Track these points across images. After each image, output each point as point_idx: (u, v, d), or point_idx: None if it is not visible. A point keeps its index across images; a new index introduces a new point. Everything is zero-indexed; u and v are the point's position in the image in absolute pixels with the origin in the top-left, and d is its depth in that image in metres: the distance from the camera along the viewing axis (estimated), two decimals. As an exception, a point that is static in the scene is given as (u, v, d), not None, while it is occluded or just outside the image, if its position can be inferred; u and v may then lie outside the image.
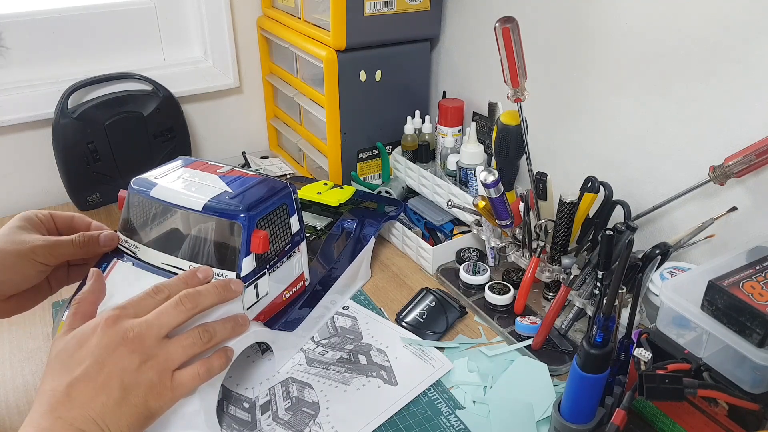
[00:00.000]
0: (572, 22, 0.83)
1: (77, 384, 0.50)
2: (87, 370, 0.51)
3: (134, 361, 0.52)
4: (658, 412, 0.59)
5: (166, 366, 0.53)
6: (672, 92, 0.73)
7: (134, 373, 0.52)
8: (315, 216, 0.89)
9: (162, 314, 0.55)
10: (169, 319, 0.55)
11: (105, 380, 0.51)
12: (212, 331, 0.57)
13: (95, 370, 0.51)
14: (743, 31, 0.65)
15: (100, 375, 0.51)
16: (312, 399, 0.66)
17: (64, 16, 1.02)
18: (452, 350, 0.73)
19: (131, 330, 0.53)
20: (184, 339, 0.55)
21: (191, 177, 0.67)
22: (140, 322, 0.54)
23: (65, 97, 0.98)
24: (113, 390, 0.51)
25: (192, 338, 0.56)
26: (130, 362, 0.52)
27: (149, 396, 0.52)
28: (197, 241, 0.65)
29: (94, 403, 0.50)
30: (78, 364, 0.51)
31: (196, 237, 0.66)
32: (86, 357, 0.51)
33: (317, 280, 0.76)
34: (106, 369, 0.51)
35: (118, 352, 0.52)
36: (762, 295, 0.52)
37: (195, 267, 0.62)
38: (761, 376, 0.50)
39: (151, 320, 0.54)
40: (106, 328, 0.53)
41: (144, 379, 0.52)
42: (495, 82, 0.97)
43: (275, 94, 1.22)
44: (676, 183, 0.73)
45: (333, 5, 0.91)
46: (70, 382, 0.50)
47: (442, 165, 1.01)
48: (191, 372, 0.55)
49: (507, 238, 0.80)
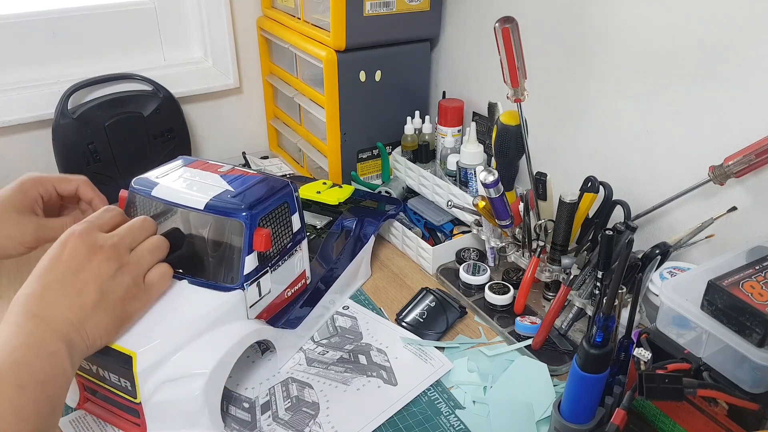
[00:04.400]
0: (572, 22, 0.83)
1: (53, 287, 0.53)
2: (63, 276, 0.54)
3: (111, 268, 0.56)
4: (658, 412, 0.59)
5: (139, 271, 0.58)
6: (672, 92, 0.73)
7: (111, 279, 0.55)
8: (314, 215, 0.89)
9: (132, 228, 0.60)
10: (139, 232, 0.60)
11: (82, 285, 0.54)
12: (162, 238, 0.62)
13: (71, 275, 0.54)
14: (743, 31, 0.65)
15: (77, 280, 0.54)
16: (312, 399, 0.66)
17: (64, 16, 1.02)
18: (452, 350, 0.73)
19: (107, 240, 0.57)
20: (148, 244, 0.60)
21: (192, 176, 0.68)
22: (113, 234, 0.58)
23: (65, 98, 0.98)
24: (90, 294, 0.54)
25: (154, 243, 0.61)
26: (107, 269, 0.55)
27: (126, 299, 0.56)
28: (199, 240, 0.66)
29: (72, 305, 0.53)
30: (52, 270, 0.54)
31: (198, 236, 0.66)
32: (61, 264, 0.54)
33: (318, 278, 0.76)
34: (82, 275, 0.54)
35: (96, 259, 0.55)
36: (762, 295, 0.52)
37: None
38: (761, 376, 0.50)
39: (123, 233, 0.59)
40: (81, 239, 0.56)
41: (120, 282, 0.56)
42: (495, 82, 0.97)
43: (275, 94, 1.22)
44: (676, 183, 0.73)
45: (333, 5, 0.91)
46: (46, 284, 0.53)
47: (442, 165, 1.01)
48: (158, 272, 0.60)
49: (507, 238, 0.80)
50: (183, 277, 0.64)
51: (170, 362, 0.58)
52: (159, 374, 0.58)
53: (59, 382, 0.50)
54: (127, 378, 0.58)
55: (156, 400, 0.58)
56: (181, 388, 0.58)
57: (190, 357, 0.59)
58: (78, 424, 0.63)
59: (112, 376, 0.59)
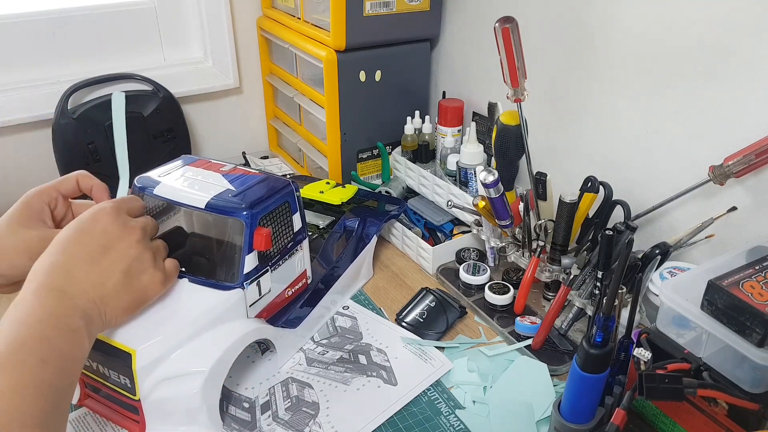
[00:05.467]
0: (572, 22, 0.83)
1: (80, 261, 0.53)
2: (93, 252, 0.54)
3: (138, 250, 0.57)
4: (658, 412, 0.59)
5: (159, 256, 0.60)
6: (672, 92, 0.73)
7: (137, 260, 0.57)
8: (317, 215, 0.89)
9: (150, 221, 0.61)
10: (155, 225, 0.62)
11: (110, 263, 0.55)
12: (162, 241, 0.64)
13: (100, 253, 0.54)
14: (743, 32, 0.65)
15: (106, 258, 0.54)
16: (312, 399, 0.66)
17: (64, 16, 1.02)
18: (452, 350, 0.73)
19: (138, 223, 0.58)
20: (159, 241, 0.62)
21: (194, 175, 0.68)
22: (141, 219, 0.60)
23: (65, 98, 0.98)
24: (116, 273, 0.55)
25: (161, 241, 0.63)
26: (136, 251, 0.57)
27: (148, 281, 0.58)
28: (200, 238, 0.66)
29: (97, 284, 0.53)
30: (80, 244, 0.54)
31: (199, 235, 0.66)
32: (91, 240, 0.55)
33: (319, 278, 0.76)
34: (112, 254, 0.55)
35: (127, 239, 0.56)
36: (762, 295, 0.52)
37: None
38: (761, 375, 0.50)
39: (148, 221, 0.61)
40: (113, 216, 0.57)
41: (145, 266, 0.57)
42: (495, 82, 0.97)
43: (275, 94, 1.22)
44: (676, 183, 0.73)
45: (333, 5, 0.91)
46: (73, 257, 0.53)
47: (442, 165, 1.01)
48: (172, 263, 0.62)
49: (507, 238, 0.80)
50: (183, 275, 0.64)
51: (170, 360, 0.58)
52: (158, 372, 0.58)
53: (78, 358, 0.50)
54: (126, 375, 0.58)
55: (155, 398, 0.58)
56: (180, 385, 0.58)
57: (190, 355, 0.59)
58: (78, 423, 0.63)
59: (112, 373, 0.59)
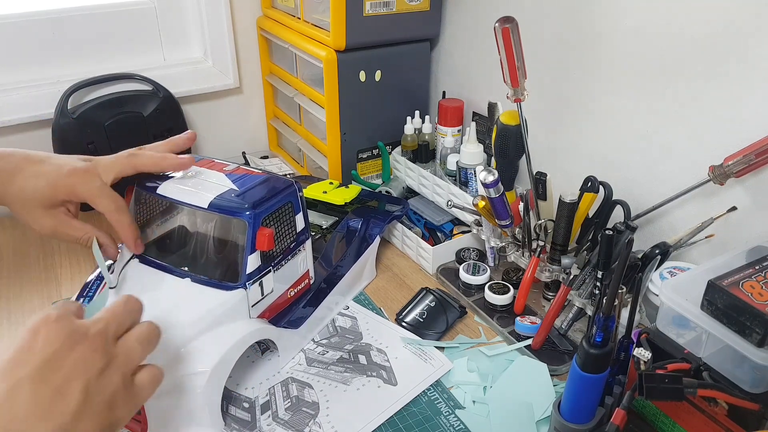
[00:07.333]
0: (572, 21, 0.83)
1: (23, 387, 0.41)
2: (38, 371, 0.42)
3: (98, 361, 0.44)
4: (658, 412, 0.59)
5: (128, 367, 0.47)
6: (672, 92, 0.73)
7: (98, 376, 0.44)
8: (320, 215, 0.90)
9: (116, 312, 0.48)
10: (124, 316, 0.48)
11: (62, 383, 0.42)
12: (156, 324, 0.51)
13: (48, 370, 0.42)
14: (743, 31, 0.65)
15: (56, 376, 0.42)
16: (312, 399, 0.66)
17: (64, 16, 1.02)
18: (452, 350, 0.73)
19: (90, 327, 0.45)
20: (137, 333, 0.48)
21: (197, 175, 0.68)
22: (96, 320, 0.46)
23: (65, 98, 0.98)
24: (74, 394, 0.42)
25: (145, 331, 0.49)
26: (93, 362, 0.44)
27: (113, 403, 0.45)
28: (203, 238, 0.66)
29: (50, 411, 0.41)
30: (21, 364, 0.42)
31: (202, 234, 0.66)
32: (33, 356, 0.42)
33: (322, 278, 0.76)
34: (63, 370, 0.42)
35: (78, 349, 0.43)
36: (762, 295, 0.52)
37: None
38: (761, 375, 0.50)
39: (107, 317, 0.47)
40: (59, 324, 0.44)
41: (108, 381, 0.45)
42: (495, 82, 0.97)
43: (275, 94, 1.22)
44: (676, 183, 0.73)
45: (333, 5, 0.91)
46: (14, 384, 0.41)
47: (442, 165, 1.01)
48: (149, 375, 0.49)
49: (507, 238, 0.80)
50: (186, 275, 0.64)
51: (172, 360, 0.58)
52: (160, 372, 0.58)
53: None
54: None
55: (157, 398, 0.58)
56: (183, 386, 0.58)
57: (192, 355, 0.59)
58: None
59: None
